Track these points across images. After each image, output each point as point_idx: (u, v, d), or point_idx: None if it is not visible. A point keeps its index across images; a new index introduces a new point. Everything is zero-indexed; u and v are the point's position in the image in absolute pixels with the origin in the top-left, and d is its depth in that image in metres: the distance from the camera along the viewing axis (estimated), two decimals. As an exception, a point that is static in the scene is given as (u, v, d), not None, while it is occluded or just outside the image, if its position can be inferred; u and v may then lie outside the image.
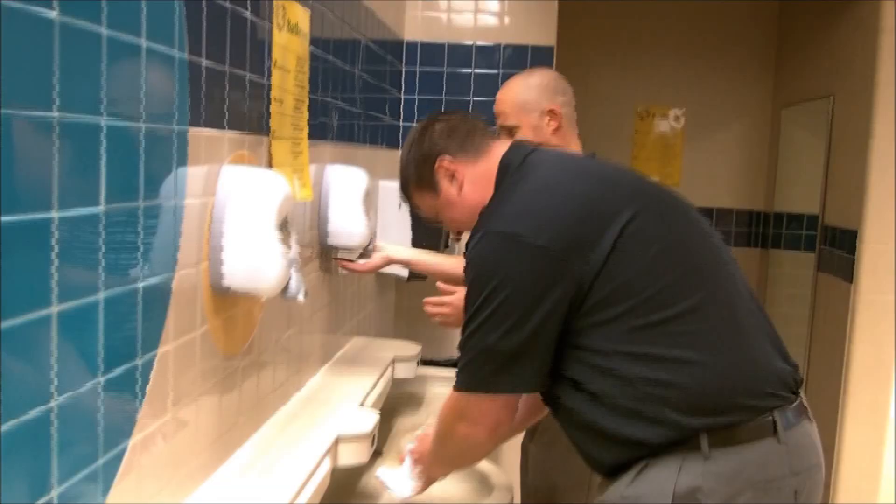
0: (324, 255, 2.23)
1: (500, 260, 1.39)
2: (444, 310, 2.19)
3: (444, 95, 3.37)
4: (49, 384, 0.97)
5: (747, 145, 4.88)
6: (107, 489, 1.12)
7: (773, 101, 4.83)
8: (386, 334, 3.19)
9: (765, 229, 4.87)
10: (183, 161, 1.29)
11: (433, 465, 1.73)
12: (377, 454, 1.91)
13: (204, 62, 1.34)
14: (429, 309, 2.21)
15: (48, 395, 0.97)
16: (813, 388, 4.00)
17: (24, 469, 0.93)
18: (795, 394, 1.49)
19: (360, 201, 2.19)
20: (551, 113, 2.19)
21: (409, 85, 3.37)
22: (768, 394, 1.43)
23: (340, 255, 2.22)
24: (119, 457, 1.15)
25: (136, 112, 1.12)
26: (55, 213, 0.95)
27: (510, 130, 2.23)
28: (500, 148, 1.60)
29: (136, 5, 1.11)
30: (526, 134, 2.18)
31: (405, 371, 2.53)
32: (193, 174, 1.33)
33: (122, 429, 1.16)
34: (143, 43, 1.13)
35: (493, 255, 1.40)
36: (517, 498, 2.34)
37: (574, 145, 2.25)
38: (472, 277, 1.43)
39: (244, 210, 1.42)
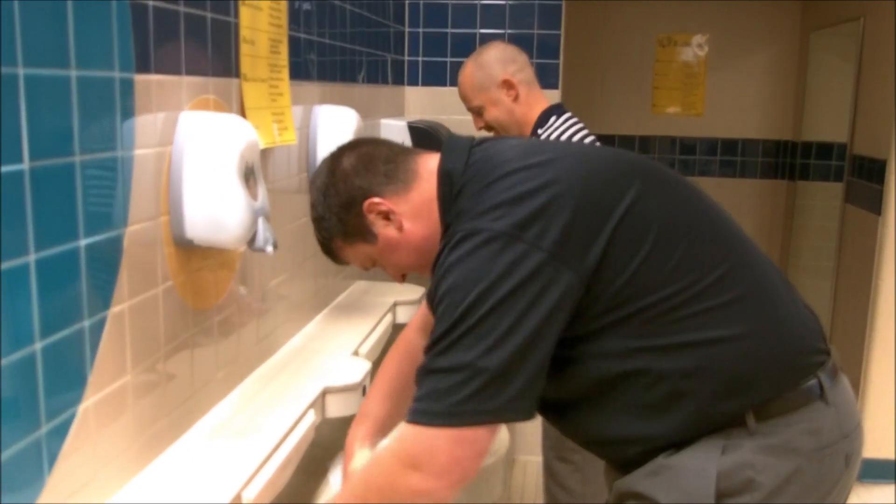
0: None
1: (487, 261, 1.15)
2: None
3: (449, 28, 3.24)
4: (-29, 354, 0.91)
5: (774, 72, 4.69)
6: (53, 457, 1.08)
7: (802, 24, 4.62)
8: (394, 277, 3.13)
9: (792, 160, 4.71)
10: (129, 110, 1.21)
11: None
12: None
13: (151, 3, 1.25)
14: None
15: (-29, 366, 0.92)
16: (839, 323, 3.89)
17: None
18: (828, 353, 1.35)
19: (351, 143, 2.10)
20: (506, 84, 2.34)
21: (413, 18, 3.24)
22: (812, 351, 1.30)
23: None
24: (66, 424, 1.10)
25: (62, 60, 1.04)
26: (-37, 174, 0.88)
27: (478, 112, 2.41)
28: (426, 162, 1.35)
29: (58, -57, 1.03)
30: (491, 110, 2.36)
31: (407, 315, 2.47)
32: (144, 123, 1.25)
33: (68, 395, 1.11)
34: (68, -16, 1.04)
35: (479, 257, 1.16)
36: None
37: (540, 104, 2.38)
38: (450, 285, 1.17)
39: (203, 158, 1.34)
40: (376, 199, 1.33)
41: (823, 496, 1.28)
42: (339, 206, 1.36)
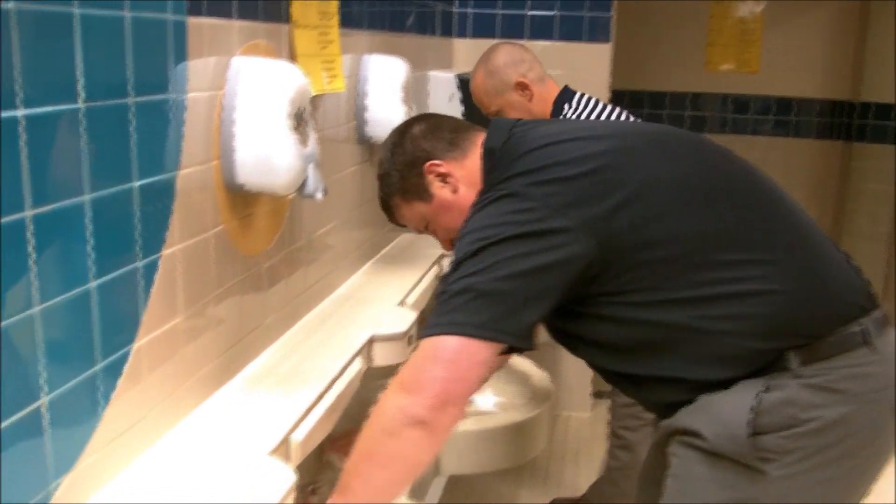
0: (365, 148, 2.15)
1: (499, 210, 1.28)
2: None
3: (500, -21, 3.20)
4: (29, 289, 0.93)
5: (833, 29, 4.55)
6: (108, 394, 1.10)
7: (865, -21, 4.47)
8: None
9: (849, 120, 4.58)
10: (182, 53, 1.21)
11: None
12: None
13: (204, -56, 1.25)
14: None
15: (29, 302, 0.93)
16: (893, 289, 3.82)
17: (10, 374, 0.90)
18: (875, 306, 1.36)
19: (400, 92, 2.09)
20: (520, 86, 2.40)
21: (464, -31, 3.20)
22: (852, 303, 1.32)
23: None
24: (120, 362, 1.12)
25: (116, 0, 1.04)
26: (20, 112, 0.89)
27: (497, 115, 2.44)
28: (482, 137, 1.48)
29: None
30: (510, 113, 2.39)
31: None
32: (196, 67, 1.25)
33: (123, 334, 1.12)
34: (123, -77, 1.04)
35: (493, 207, 1.29)
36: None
37: (552, 94, 2.45)
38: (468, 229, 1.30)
39: (254, 104, 1.34)
40: (437, 161, 1.47)
41: (871, 441, 1.31)
42: (403, 164, 1.50)
